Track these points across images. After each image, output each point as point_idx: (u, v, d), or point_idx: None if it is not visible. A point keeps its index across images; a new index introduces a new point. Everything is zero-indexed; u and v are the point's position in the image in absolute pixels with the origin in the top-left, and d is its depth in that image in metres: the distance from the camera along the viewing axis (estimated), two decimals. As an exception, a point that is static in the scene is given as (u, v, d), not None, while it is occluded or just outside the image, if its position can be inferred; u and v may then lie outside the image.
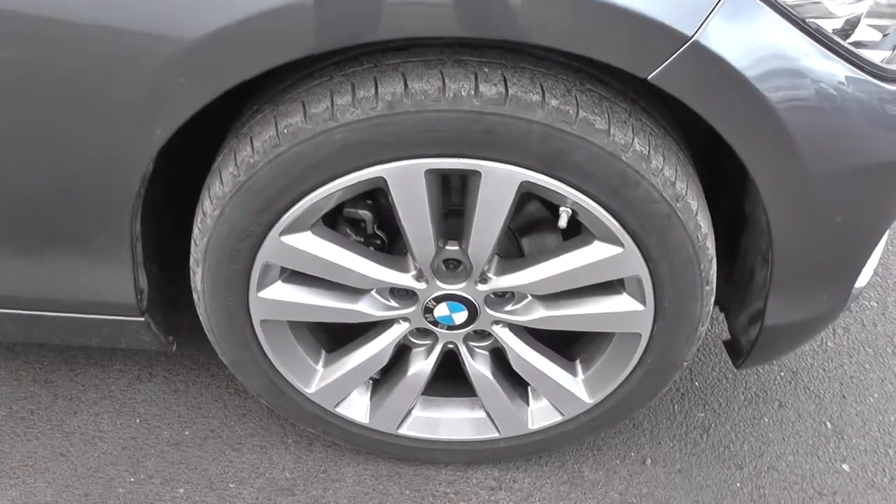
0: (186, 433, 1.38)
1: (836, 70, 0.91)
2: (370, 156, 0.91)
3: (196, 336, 1.27)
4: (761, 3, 0.87)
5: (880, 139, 0.98)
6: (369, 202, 1.09)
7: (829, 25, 0.92)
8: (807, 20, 0.89)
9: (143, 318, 1.15)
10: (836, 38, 0.91)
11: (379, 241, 1.12)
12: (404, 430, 1.23)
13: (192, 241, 1.04)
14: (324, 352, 1.19)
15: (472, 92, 0.87)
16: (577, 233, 1.07)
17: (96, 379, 1.48)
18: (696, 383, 1.45)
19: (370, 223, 1.09)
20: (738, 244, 1.17)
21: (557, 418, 1.21)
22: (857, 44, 0.94)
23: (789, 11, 0.88)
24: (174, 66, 0.85)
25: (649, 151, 0.94)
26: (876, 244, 1.13)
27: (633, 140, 0.93)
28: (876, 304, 1.60)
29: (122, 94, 0.88)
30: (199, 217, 1.01)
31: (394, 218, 1.02)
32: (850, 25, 0.94)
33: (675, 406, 1.41)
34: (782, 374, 1.46)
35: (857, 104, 0.94)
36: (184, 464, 1.32)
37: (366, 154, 0.91)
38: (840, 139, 0.95)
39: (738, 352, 1.22)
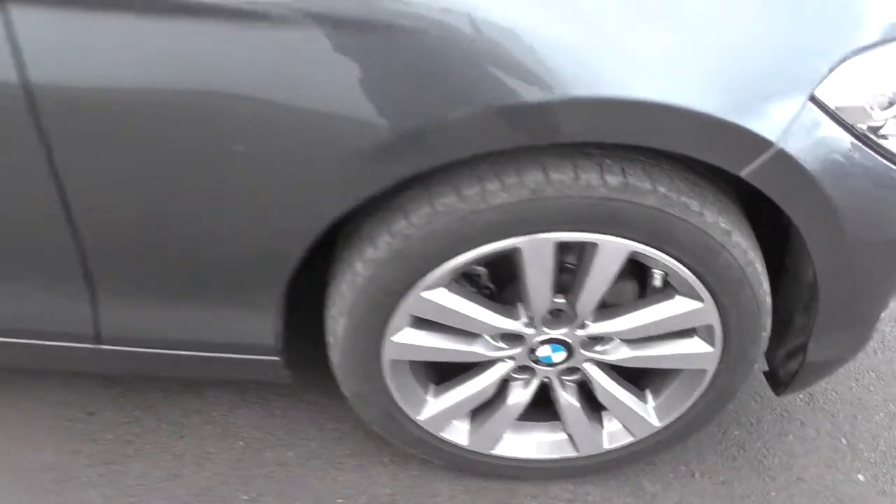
0: (289, 454, 1.53)
1: (871, 161, 1.13)
2: (511, 230, 1.10)
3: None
4: (822, 113, 1.08)
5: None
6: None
7: (866, 125, 1.14)
8: (855, 125, 1.12)
9: (277, 358, 1.31)
10: (872, 136, 1.14)
11: (487, 291, 1.30)
12: (496, 451, 1.43)
13: (338, 295, 1.21)
14: (432, 384, 1.38)
15: (601, 181, 1.07)
16: (644, 279, 1.28)
17: (195, 405, 1.63)
18: (731, 405, 1.67)
19: (484, 277, 1.28)
20: (778, 290, 1.40)
21: (629, 439, 1.42)
22: (884, 136, 1.17)
23: (841, 118, 1.10)
24: (370, 154, 1.01)
25: (730, 227, 1.15)
26: None
27: (718, 218, 1.14)
28: (876, 334, 1.85)
29: (314, 176, 1.05)
30: (347, 276, 1.18)
31: (502, 271, 1.22)
32: (882, 124, 1.17)
33: (715, 425, 1.63)
34: (801, 396, 1.70)
35: (888, 189, 1.16)
36: (292, 482, 1.48)
37: (508, 229, 1.10)
38: (877, 216, 1.18)
39: (776, 382, 1.45)
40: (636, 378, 1.42)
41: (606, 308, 1.28)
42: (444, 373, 1.39)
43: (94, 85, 1.01)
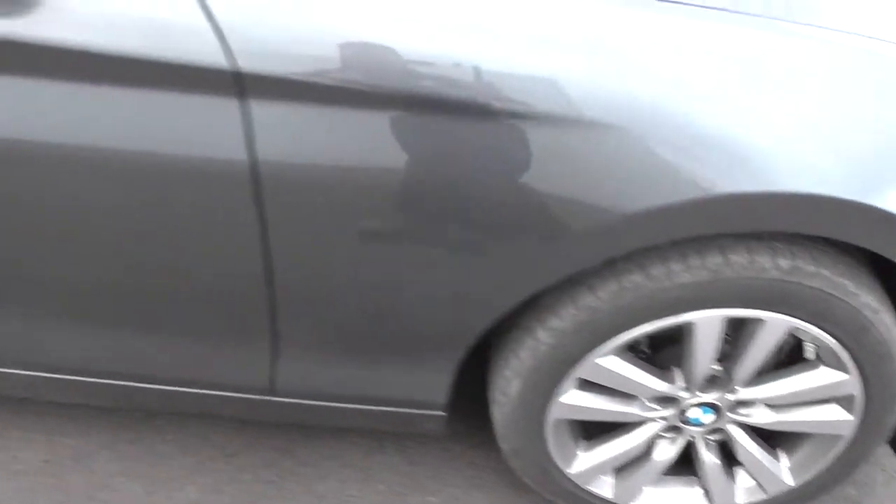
0: (432, 499, 1.63)
1: None
2: (690, 307, 1.21)
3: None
4: None
5: None
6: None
7: None
8: None
9: (443, 413, 1.41)
10: None
11: (643, 356, 1.41)
12: (635, 503, 1.52)
13: (515, 358, 1.31)
14: (582, 440, 1.47)
15: (773, 264, 1.18)
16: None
17: (332, 449, 1.72)
18: (842, 464, 1.76)
19: (644, 343, 1.38)
20: None
21: (762, 496, 1.51)
22: None
23: None
24: (577, 237, 1.12)
25: (879, 306, 1.26)
26: None
27: (869, 298, 1.25)
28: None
29: (518, 255, 1.15)
30: (528, 341, 1.29)
31: (656, 336, 1.32)
32: None
33: (829, 483, 1.72)
34: (908, 457, 1.79)
35: None
36: (437, 526, 1.58)
37: (687, 306, 1.21)
38: None
39: (898, 446, 1.55)
40: (767, 437, 1.52)
41: (755, 375, 1.38)
42: (589, 428, 1.50)
43: (313, 163, 1.13)
